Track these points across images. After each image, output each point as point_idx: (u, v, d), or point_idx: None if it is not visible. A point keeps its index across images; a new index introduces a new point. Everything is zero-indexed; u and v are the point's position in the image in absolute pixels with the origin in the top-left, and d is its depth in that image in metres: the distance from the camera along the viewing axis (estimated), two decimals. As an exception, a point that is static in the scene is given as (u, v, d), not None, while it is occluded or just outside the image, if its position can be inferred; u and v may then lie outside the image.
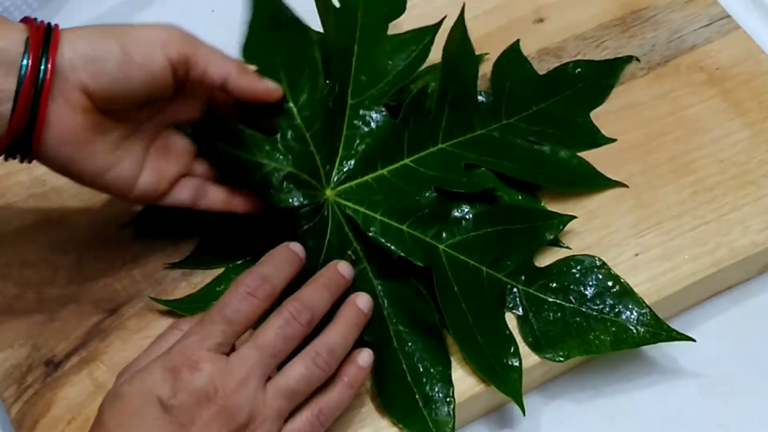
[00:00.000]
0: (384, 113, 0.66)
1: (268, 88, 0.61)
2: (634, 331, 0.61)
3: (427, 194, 0.64)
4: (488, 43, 0.74)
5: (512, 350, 0.60)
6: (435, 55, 0.68)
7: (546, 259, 0.64)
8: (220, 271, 0.64)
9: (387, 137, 0.66)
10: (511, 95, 0.70)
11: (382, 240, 0.62)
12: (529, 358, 0.60)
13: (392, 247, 0.62)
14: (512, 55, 0.72)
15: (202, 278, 0.64)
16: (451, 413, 0.59)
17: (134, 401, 0.51)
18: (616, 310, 0.61)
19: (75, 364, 0.60)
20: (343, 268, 0.60)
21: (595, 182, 0.68)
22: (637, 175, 0.68)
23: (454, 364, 0.60)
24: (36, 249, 0.64)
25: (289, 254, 0.58)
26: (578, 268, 0.63)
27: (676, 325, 0.66)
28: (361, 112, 0.66)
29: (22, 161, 0.56)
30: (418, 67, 0.68)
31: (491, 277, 0.62)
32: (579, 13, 0.76)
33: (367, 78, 0.67)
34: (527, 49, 0.73)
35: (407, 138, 0.66)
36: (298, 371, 0.54)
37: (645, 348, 0.65)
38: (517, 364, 0.60)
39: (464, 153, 0.66)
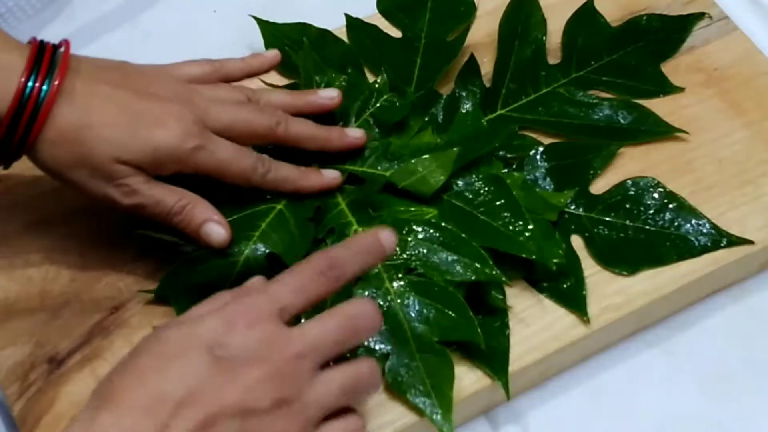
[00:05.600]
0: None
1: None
2: (696, 241, 0.65)
3: None
4: (489, 44, 0.74)
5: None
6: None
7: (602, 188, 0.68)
8: None
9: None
10: (583, 49, 0.74)
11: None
12: (527, 356, 0.60)
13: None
14: (586, 13, 0.75)
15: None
16: None
17: (178, 345, 0.47)
18: (676, 223, 0.65)
19: (78, 361, 0.60)
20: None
21: (657, 129, 0.70)
22: (637, 174, 0.68)
23: (455, 360, 0.59)
24: (39, 248, 0.64)
25: (374, 244, 0.53)
26: (634, 189, 0.67)
27: (675, 323, 0.67)
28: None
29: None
30: None
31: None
32: (579, 15, 0.77)
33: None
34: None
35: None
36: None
37: (643, 346, 0.66)
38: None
39: (522, 116, 0.70)
